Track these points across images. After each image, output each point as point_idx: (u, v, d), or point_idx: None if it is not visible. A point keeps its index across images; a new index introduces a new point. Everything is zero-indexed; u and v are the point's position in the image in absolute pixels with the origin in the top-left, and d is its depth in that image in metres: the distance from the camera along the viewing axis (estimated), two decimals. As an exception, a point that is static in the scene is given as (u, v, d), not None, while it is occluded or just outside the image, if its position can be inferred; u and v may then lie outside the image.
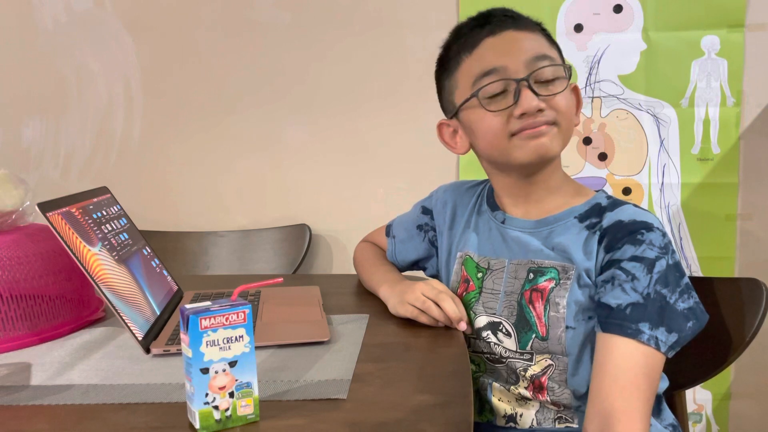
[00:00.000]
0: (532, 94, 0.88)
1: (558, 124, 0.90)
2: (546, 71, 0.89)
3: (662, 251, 0.84)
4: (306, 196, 1.87)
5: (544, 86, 0.89)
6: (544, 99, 0.88)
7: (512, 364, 0.93)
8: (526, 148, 0.89)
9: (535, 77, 0.88)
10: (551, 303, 0.89)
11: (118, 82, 1.88)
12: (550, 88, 0.89)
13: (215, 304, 0.65)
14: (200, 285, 1.22)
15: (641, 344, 0.80)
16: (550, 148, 0.90)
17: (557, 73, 0.90)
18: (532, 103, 0.87)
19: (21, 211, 0.99)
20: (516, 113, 0.88)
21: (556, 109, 0.89)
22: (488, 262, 0.98)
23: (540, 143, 0.89)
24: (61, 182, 1.93)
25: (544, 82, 0.89)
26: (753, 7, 1.62)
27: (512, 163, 0.92)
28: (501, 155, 0.93)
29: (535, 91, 0.88)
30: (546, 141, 0.89)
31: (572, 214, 0.93)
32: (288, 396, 0.72)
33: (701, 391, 1.74)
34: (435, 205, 1.12)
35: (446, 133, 1.02)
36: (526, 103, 0.87)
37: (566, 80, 0.91)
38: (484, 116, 0.91)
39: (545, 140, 0.89)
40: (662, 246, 0.85)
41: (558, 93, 0.89)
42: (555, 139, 0.90)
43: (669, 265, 0.84)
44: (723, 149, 1.67)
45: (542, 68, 0.89)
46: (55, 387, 0.76)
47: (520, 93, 0.88)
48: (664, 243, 0.85)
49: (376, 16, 1.77)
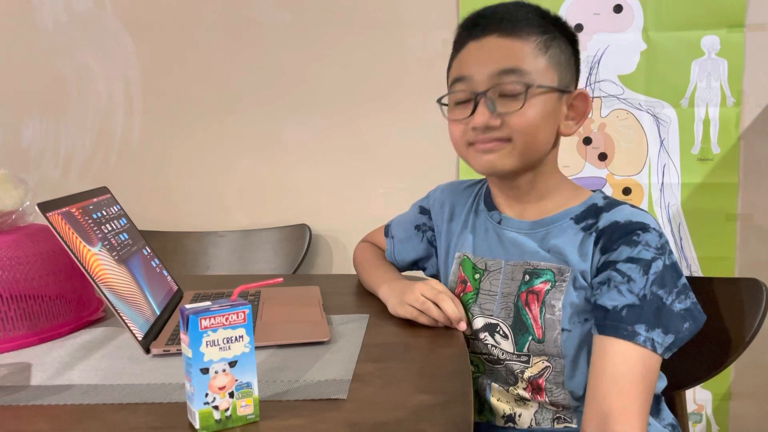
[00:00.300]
0: (484, 109, 0.88)
1: (513, 140, 0.88)
2: (508, 87, 0.87)
3: (658, 252, 0.84)
4: (306, 196, 1.87)
5: (505, 101, 0.88)
6: (501, 115, 0.87)
7: (510, 365, 0.93)
8: (479, 161, 0.92)
9: (499, 91, 0.88)
10: (547, 305, 0.89)
11: (118, 82, 1.89)
12: (509, 104, 0.88)
13: (215, 304, 0.65)
14: (200, 285, 1.22)
15: (637, 346, 0.80)
16: (497, 165, 0.90)
17: (522, 89, 0.87)
18: (480, 120, 0.88)
19: (21, 211, 0.99)
20: (470, 126, 0.90)
21: (510, 127, 0.88)
22: (485, 263, 0.98)
23: (489, 159, 0.90)
24: (61, 182, 1.93)
25: (509, 97, 0.88)
26: (753, 7, 1.62)
27: (474, 170, 0.94)
28: (465, 161, 0.95)
29: (492, 105, 0.87)
30: (494, 158, 0.90)
31: (568, 216, 0.93)
32: (288, 396, 0.72)
33: (701, 391, 1.74)
34: (432, 205, 1.12)
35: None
36: (477, 118, 0.88)
37: (542, 96, 0.88)
38: (450, 122, 0.94)
39: (493, 157, 0.90)
40: (658, 247, 0.84)
41: (514, 111, 0.87)
42: (506, 156, 0.89)
43: (665, 265, 0.83)
44: (723, 149, 1.67)
45: (504, 84, 0.87)
46: (55, 387, 0.76)
47: (476, 106, 0.88)
48: (661, 243, 0.85)
49: (376, 16, 1.77)
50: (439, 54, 1.74)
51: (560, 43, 0.91)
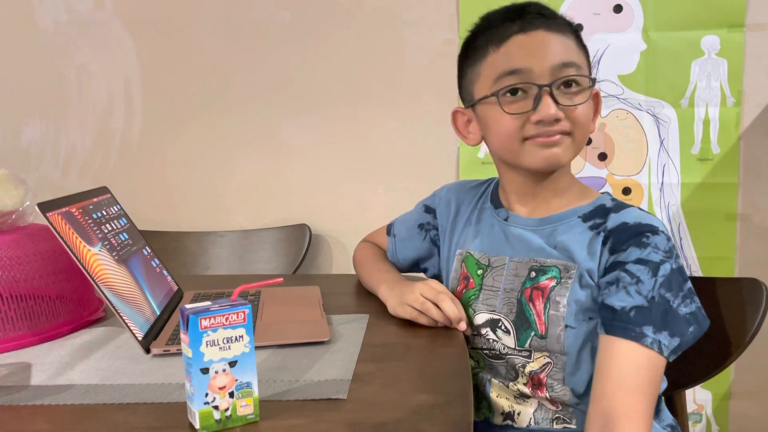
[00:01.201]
0: (552, 102, 0.86)
1: (572, 134, 0.89)
2: (571, 80, 0.88)
3: (667, 255, 0.84)
4: (306, 196, 1.87)
5: (566, 95, 0.88)
6: (564, 108, 0.87)
7: (511, 360, 0.93)
8: (537, 155, 0.89)
9: (558, 84, 0.87)
10: (551, 301, 0.89)
11: (118, 82, 1.88)
12: (572, 98, 0.88)
13: (215, 304, 0.65)
14: (200, 285, 1.22)
15: (644, 348, 0.80)
16: (561, 158, 0.89)
17: (581, 83, 0.89)
18: (550, 112, 0.86)
19: (21, 211, 0.99)
20: (533, 119, 0.87)
21: (573, 121, 0.88)
22: (489, 259, 0.98)
23: (552, 153, 0.89)
24: (61, 182, 1.93)
25: (567, 91, 0.88)
26: (753, 7, 1.62)
27: (521, 166, 0.92)
28: (511, 157, 0.92)
29: (556, 99, 0.87)
30: (558, 151, 0.89)
31: (576, 214, 0.93)
32: (288, 396, 0.72)
33: (701, 391, 1.74)
34: (438, 204, 1.12)
35: (460, 121, 1.01)
36: (544, 110, 0.86)
37: (589, 90, 0.90)
38: (501, 116, 0.90)
39: (557, 150, 0.89)
40: (667, 250, 0.84)
41: (579, 104, 0.88)
42: (567, 149, 0.89)
43: (673, 269, 0.84)
44: (723, 149, 1.67)
45: (567, 77, 0.87)
46: (55, 387, 0.76)
47: (540, 99, 0.87)
48: (669, 247, 0.85)
49: (376, 16, 1.77)
50: (439, 54, 1.74)
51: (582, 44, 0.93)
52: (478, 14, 0.97)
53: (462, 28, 1.71)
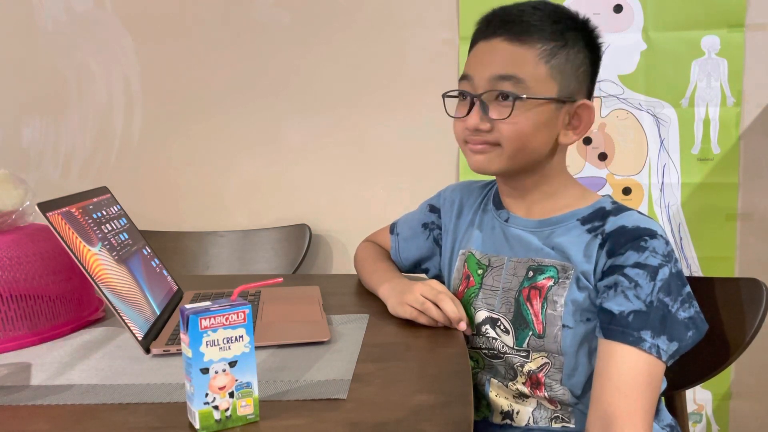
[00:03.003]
0: (479, 112, 0.90)
1: (502, 145, 0.90)
2: (501, 93, 0.88)
3: (665, 259, 0.84)
4: (306, 196, 1.87)
5: (499, 107, 0.89)
6: (491, 120, 0.89)
7: (510, 359, 0.94)
8: (470, 159, 0.94)
9: (494, 95, 0.89)
10: (549, 301, 0.90)
11: (118, 82, 1.88)
12: (500, 111, 0.89)
13: (215, 304, 0.65)
14: (200, 285, 1.22)
15: (643, 352, 0.80)
16: (485, 166, 0.93)
17: (512, 98, 0.87)
18: (470, 122, 0.90)
19: (21, 211, 0.99)
20: (462, 125, 0.92)
21: (500, 133, 0.89)
22: (489, 259, 0.98)
23: (477, 159, 0.93)
24: (61, 182, 1.93)
25: (502, 103, 0.89)
26: (753, 7, 1.62)
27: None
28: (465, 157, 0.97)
29: (485, 109, 0.89)
30: (482, 159, 0.92)
31: (575, 217, 0.93)
32: (288, 396, 0.72)
33: (701, 391, 1.74)
34: (443, 204, 1.12)
35: None
36: (468, 120, 0.91)
37: (531, 104, 0.87)
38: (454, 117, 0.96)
39: (482, 158, 0.92)
40: (665, 254, 0.84)
41: (504, 118, 0.88)
42: (494, 159, 0.91)
43: (672, 273, 0.84)
44: (723, 149, 1.67)
45: (500, 90, 0.88)
46: (55, 387, 0.76)
47: (471, 108, 0.90)
48: (667, 251, 0.85)
49: (376, 16, 1.77)
50: (439, 54, 1.74)
51: (570, 52, 0.90)
52: (478, 14, 0.97)
53: (462, 28, 1.71)
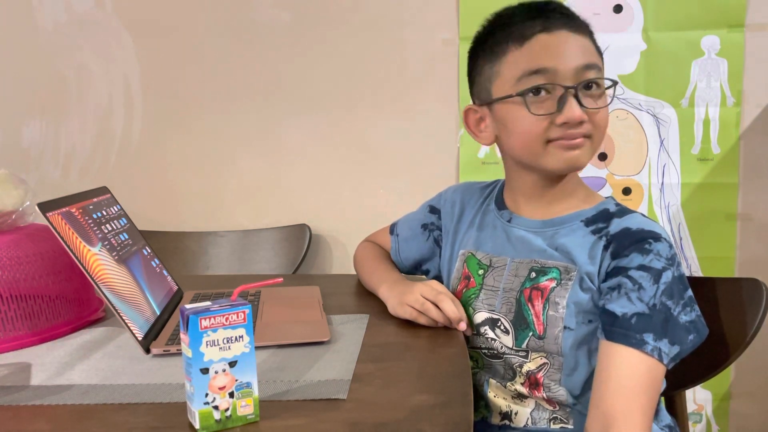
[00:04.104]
0: (577, 104, 0.86)
1: (592, 137, 0.89)
2: (594, 83, 0.88)
3: (669, 262, 0.84)
4: (306, 196, 1.87)
5: (589, 97, 0.88)
6: (587, 111, 0.87)
7: (509, 359, 0.93)
8: (559, 158, 0.89)
9: (581, 86, 0.87)
10: (551, 302, 0.89)
11: (118, 82, 1.89)
12: (594, 101, 0.88)
13: (215, 304, 0.65)
14: (200, 285, 1.22)
15: (645, 355, 0.80)
16: (581, 161, 0.89)
17: (602, 85, 0.89)
18: (575, 114, 0.85)
19: (21, 211, 0.99)
20: (558, 121, 0.87)
21: (595, 124, 0.88)
22: (490, 259, 0.98)
23: (573, 155, 0.88)
24: (61, 182, 1.93)
25: (589, 93, 0.88)
26: (753, 7, 1.62)
27: (540, 167, 0.91)
28: (531, 158, 0.91)
29: (581, 101, 0.86)
30: (579, 154, 0.88)
31: (579, 218, 0.93)
32: (288, 396, 0.72)
33: (701, 391, 1.74)
34: (444, 205, 1.12)
35: (472, 119, 0.98)
36: (570, 113, 0.85)
37: (607, 93, 0.89)
38: (524, 116, 0.88)
39: (578, 153, 0.88)
40: (669, 257, 0.84)
41: (601, 108, 0.88)
42: (587, 152, 0.89)
43: (674, 276, 0.84)
44: (723, 149, 1.67)
45: (590, 79, 0.87)
46: (55, 387, 0.76)
47: (565, 101, 0.86)
48: (671, 254, 0.85)
49: (376, 16, 1.77)
50: (439, 54, 1.74)
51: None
52: (478, 14, 0.97)
53: (462, 28, 1.71)
